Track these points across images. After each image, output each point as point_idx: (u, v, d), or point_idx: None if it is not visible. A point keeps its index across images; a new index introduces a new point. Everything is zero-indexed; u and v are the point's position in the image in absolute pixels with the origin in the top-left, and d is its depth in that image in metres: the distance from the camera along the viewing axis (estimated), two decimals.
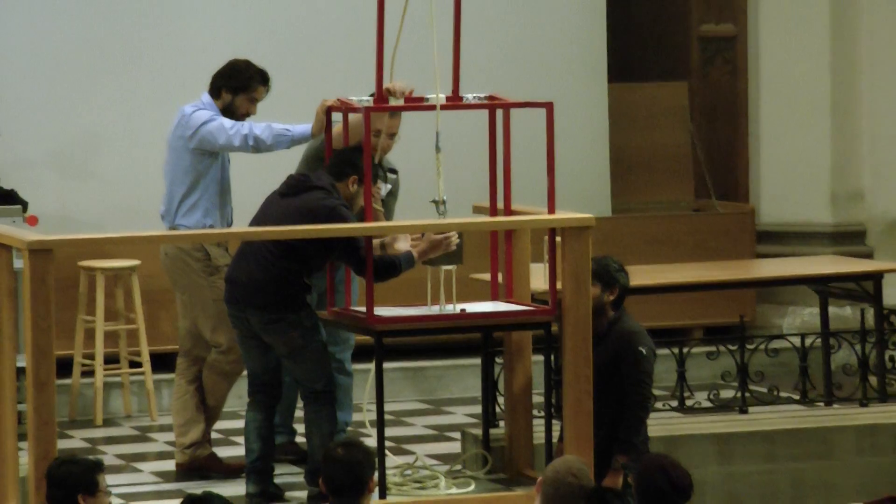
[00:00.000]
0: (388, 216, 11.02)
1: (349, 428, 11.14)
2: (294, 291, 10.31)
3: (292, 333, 10.33)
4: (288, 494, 10.65)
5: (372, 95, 10.64)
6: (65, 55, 13.48)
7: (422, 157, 10.90)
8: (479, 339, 11.14)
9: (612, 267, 10.23)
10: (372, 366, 10.32)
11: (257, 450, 10.53)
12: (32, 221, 12.31)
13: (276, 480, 10.69)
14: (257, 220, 10.45)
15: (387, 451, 10.40)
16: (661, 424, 11.41)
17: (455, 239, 10.26)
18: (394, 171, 11.14)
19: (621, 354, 10.13)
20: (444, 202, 10.47)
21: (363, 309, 10.28)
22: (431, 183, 10.52)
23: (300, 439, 11.21)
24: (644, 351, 10.09)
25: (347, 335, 11.03)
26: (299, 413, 11.00)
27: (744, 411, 11.84)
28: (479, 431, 11.23)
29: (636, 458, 9.53)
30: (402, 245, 10.41)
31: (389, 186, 11.04)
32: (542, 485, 8.49)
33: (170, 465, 11.36)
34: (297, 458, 11.21)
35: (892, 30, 14.62)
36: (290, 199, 10.33)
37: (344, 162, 10.38)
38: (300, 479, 10.83)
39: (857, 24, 14.90)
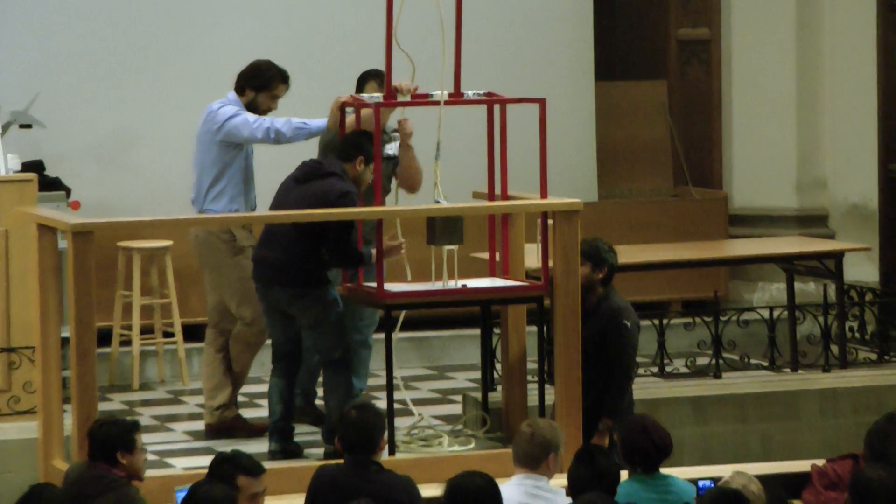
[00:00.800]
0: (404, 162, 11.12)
1: (363, 393, 11.08)
2: (315, 269, 10.30)
3: (315, 307, 10.32)
4: (307, 452, 10.61)
5: (365, 87, 10.93)
6: (103, 58, 13.44)
7: (427, 151, 10.85)
8: (479, 312, 11.10)
9: (602, 248, 10.19)
10: (383, 336, 10.28)
11: (279, 412, 10.54)
12: (75, 206, 12.34)
13: (296, 439, 10.64)
14: (276, 204, 10.47)
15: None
16: (643, 389, 11.38)
17: (403, 249, 10.39)
18: (395, 131, 11.17)
19: (608, 328, 10.08)
20: (445, 199, 10.56)
21: (374, 284, 10.27)
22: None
23: (318, 402, 11.14)
24: (628, 325, 10.05)
25: (374, 313, 10.93)
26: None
27: (717, 377, 11.81)
28: (478, 395, 11.20)
29: (621, 421, 9.49)
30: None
31: (394, 148, 11.09)
32: (515, 448, 8.49)
33: (199, 426, 11.34)
34: (313, 419, 11.12)
35: (852, 34, 14.61)
36: (306, 184, 10.32)
37: (350, 145, 10.41)
38: (318, 437, 10.80)
39: (819, 28, 14.89)
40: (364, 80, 11.06)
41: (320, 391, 10.88)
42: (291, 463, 10.19)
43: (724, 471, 8.36)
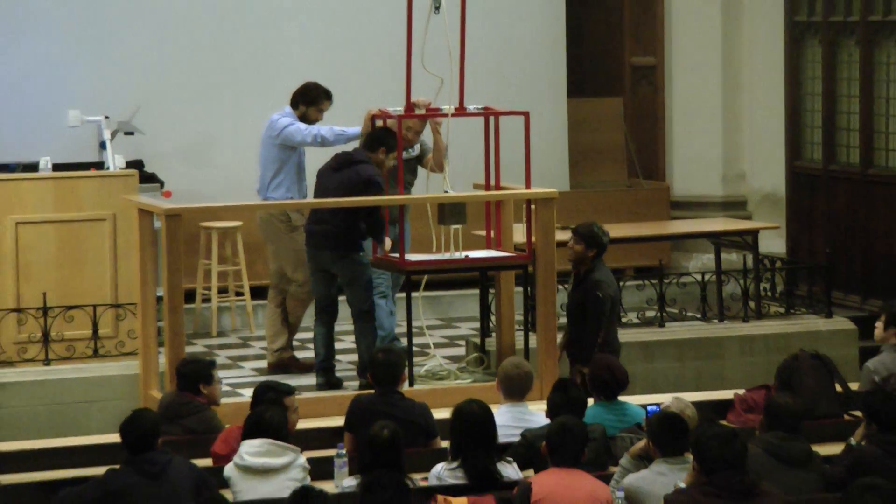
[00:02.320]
0: (424, 155, 11.16)
1: (392, 335, 11.05)
2: (353, 237, 10.34)
3: (352, 266, 10.37)
4: (345, 384, 10.60)
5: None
6: (190, 78, 13.40)
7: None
8: (478, 276, 11.07)
9: (596, 231, 10.06)
10: (405, 295, 10.31)
11: (323, 353, 10.58)
12: (167, 195, 12.29)
13: (337, 374, 10.63)
14: (321, 188, 10.50)
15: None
16: None
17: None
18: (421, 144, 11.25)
19: (587, 296, 9.99)
20: (451, 188, 10.65)
21: (397, 255, 10.29)
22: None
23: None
24: (601, 296, 9.92)
25: (399, 280, 10.89)
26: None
27: (661, 326, 11.77)
28: (477, 340, 11.23)
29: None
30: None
31: (416, 151, 11.15)
32: (498, 381, 8.49)
33: (262, 364, 11.38)
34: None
35: (765, 59, 14.58)
36: (341, 172, 10.35)
37: (374, 139, 10.48)
38: (354, 373, 10.78)
39: (740, 55, 14.84)
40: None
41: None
42: (333, 393, 10.23)
43: (666, 398, 8.35)
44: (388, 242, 10.40)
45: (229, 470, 7.45)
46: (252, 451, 7.44)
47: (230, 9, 13.53)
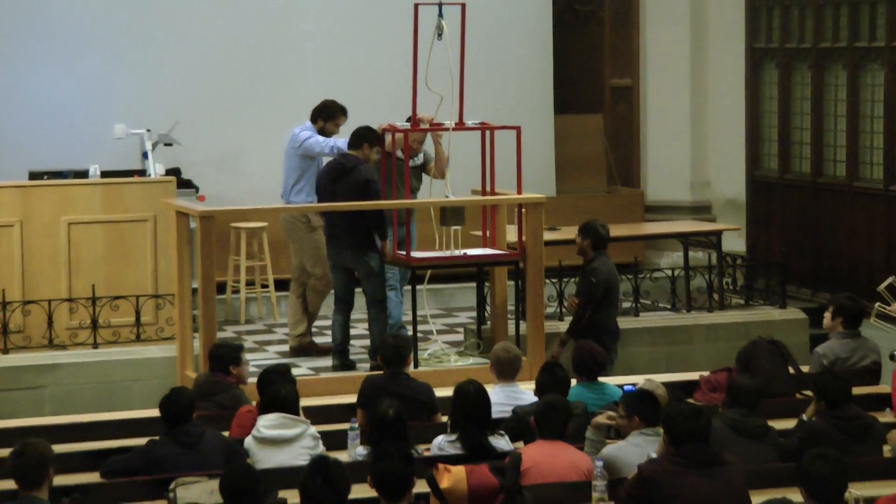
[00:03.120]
0: (427, 163, 11.09)
1: (400, 322, 11.01)
2: (368, 235, 10.26)
3: (369, 262, 10.29)
4: (358, 366, 10.55)
5: (408, 120, 10.70)
6: (221, 95, 13.39)
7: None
8: (475, 271, 11.05)
9: (597, 227, 10.12)
10: (411, 288, 10.35)
11: (339, 338, 10.51)
12: (201, 199, 12.27)
13: (351, 357, 10.60)
14: (328, 196, 10.31)
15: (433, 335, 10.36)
16: None
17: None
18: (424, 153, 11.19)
19: (583, 280, 10.04)
20: (452, 194, 10.62)
21: (404, 252, 10.28)
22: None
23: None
24: (594, 281, 9.94)
25: (406, 274, 10.84)
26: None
27: (636, 315, 11.70)
28: (474, 327, 11.15)
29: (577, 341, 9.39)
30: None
31: (421, 160, 11.07)
32: (491, 364, 8.47)
33: (285, 348, 11.34)
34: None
35: (728, 80, 14.59)
36: (341, 180, 10.23)
37: (357, 137, 10.37)
38: (366, 356, 10.74)
39: (705, 77, 14.82)
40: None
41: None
42: (347, 373, 10.20)
43: (640, 379, 8.35)
44: (387, 245, 10.30)
45: (248, 442, 7.45)
46: (268, 424, 7.44)
47: (258, 36, 13.50)
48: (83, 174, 11.46)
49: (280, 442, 7.38)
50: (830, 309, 9.38)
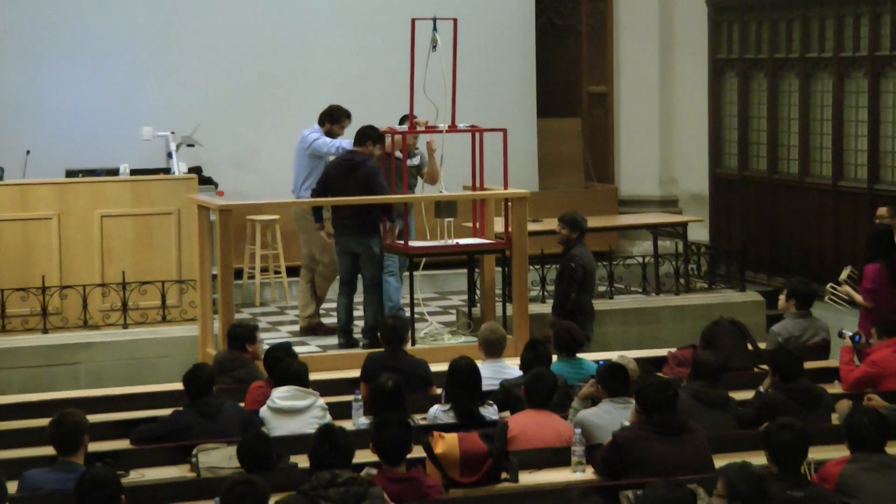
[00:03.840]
0: (420, 168, 11.02)
1: (398, 306, 10.95)
2: (373, 223, 10.20)
3: (373, 247, 10.22)
4: (362, 344, 10.47)
5: (404, 118, 10.77)
6: (239, 100, 13.37)
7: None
8: (466, 258, 11.02)
9: (577, 219, 10.08)
10: (409, 274, 10.32)
11: (344, 319, 10.46)
12: (220, 194, 12.21)
13: (355, 336, 10.55)
14: (340, 187, 10.19)
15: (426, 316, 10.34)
16: None
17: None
18: (417, 149, 11.09)
19: (564, 265, 9.98)
20: (445, 189, 10.65)
21: (402, 242, 10.25)
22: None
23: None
24: (574, 266, 9.89)
25: (405, 261, 10.75)
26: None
27: (611, 297, 11.71)
28: (465, 309, 11.18)
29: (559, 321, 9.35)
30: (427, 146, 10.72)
31: (418, 160, 11.02)
32: (479, 343, 8.45)
33: (295, 328, 11.32)
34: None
35: (693, 87, 14.52)
36: (352, 174, 10.15)
37: (361, 135, 10.32)
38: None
39: (673, 84, 14.78)
40: (401, 121, 10.98)
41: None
42: (352, 351, 10.17)
43: (614, 355, 8.34)
44: (396, 227, 10.26)
45: (264, 412, 7.44)
46: (281, 395, 7.42)
47: (271, 48, 13.48)
48: (114, 172, 11.44)
49: (292, 412, 7.36)
50: (784, 292, 9.37)
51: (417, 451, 6.38)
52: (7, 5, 12.91)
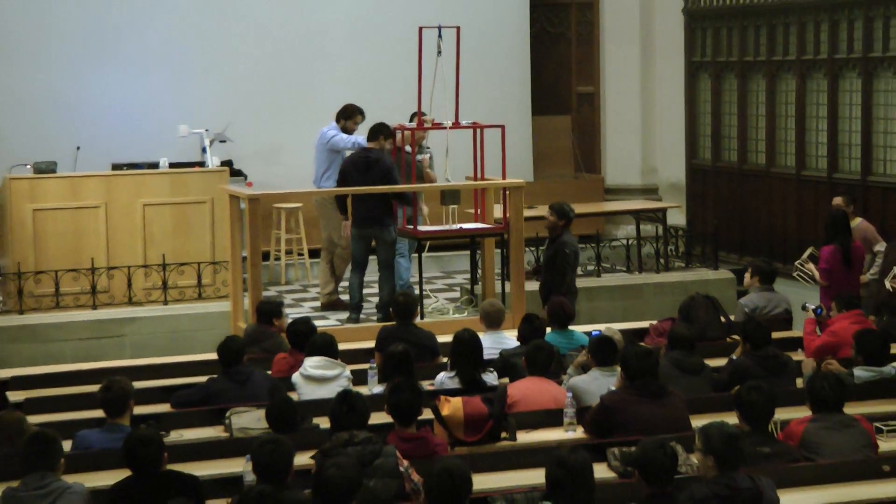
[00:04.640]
0: (430, 167, 10.99)
1: (408, 283, 10.91)
2: (388, 211, 10.15)
3: (388, 232, 10.17)
4: (367, 318, 10.47)
5: (414, 115, 10.68)
6: (266, 100, 13.36)
7: (441, 152, 10.76)
8: (469, 241, 11.00)
9: (566, 208, 9.94)
10: (417, 255, 10.30)
11: (357, 296, 10.39)
12: (250, 185, 12.14)
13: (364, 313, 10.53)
14: (359, 179, 10.12)
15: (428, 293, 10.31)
16: None
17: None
18: (428, 148, 11.11)
19: (558, 253, 9.84)
20: (450, 179, 10.58)
21: (412, 226, 10.21)
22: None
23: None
24: (567, 252, 9.78)
25: (413, 244, 10.71)
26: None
27: (599, 276, 11.69)
28: (468, 286, 11.16)
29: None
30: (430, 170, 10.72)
31: (428, 155, 10.98)
32: (480, 317, 8.42)
33: (316, 304, 11.29)
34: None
35: (671, 86, 14.46)
36: (369, 170, 10.08)
37: (374, 131, 10.27)
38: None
39: (653, 84, 14.73)
40: (411, 118, 10.92)
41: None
42: (367, 325, 10.10)
43: (601, 327, 8.32)
44: (414, 207, 10.19)
45: (296, 378, 7.43)
46: (313, 364, 7.42)
47: (294, 54, 13.45)
48: (155, 165, 11.42)
49: (323, 380, 7.35)
50: (749, 270, 9.39)
51: (426, 414, 6.38)
52: (60, 16, 12.93)
